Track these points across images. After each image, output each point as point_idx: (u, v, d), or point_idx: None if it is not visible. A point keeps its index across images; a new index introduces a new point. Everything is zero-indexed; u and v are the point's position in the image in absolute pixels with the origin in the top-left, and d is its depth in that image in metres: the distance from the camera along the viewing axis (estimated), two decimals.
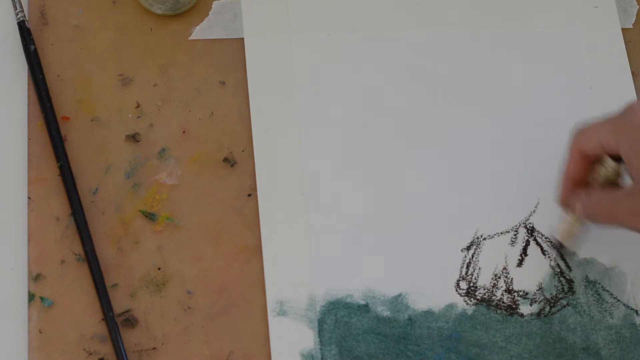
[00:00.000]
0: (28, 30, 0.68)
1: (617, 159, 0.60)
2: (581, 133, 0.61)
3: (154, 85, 0.69)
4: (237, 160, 0.67)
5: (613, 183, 0.61)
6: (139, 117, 0.68)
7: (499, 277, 0.65)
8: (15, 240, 0.63)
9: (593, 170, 0.61)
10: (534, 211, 0.67)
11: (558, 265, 0.66)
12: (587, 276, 0.66)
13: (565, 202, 0.63)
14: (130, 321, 0.62)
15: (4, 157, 0.65)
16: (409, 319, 0.64)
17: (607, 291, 0.66)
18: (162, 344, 0.62)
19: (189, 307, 0.63)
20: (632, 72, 0.72)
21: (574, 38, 0.73)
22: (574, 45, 0.72)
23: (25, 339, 0.61)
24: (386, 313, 0.64)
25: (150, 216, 0.65)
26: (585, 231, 0.64)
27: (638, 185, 0.57)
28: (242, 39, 0.70)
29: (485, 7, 0.73)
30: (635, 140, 0.57)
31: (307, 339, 0.62)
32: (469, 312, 0.64)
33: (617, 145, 0.58)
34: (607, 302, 0.65)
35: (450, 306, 0.64)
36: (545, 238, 0.66)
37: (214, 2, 0.71)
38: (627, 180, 0.61)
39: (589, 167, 0.61)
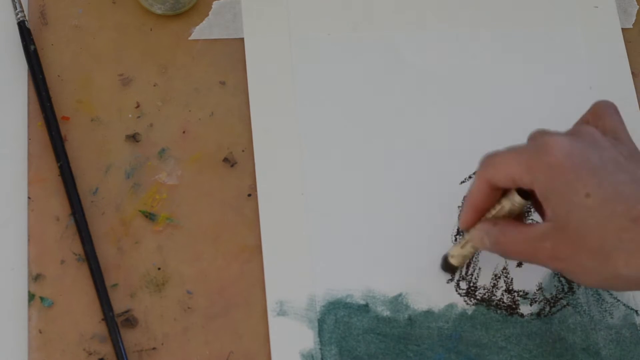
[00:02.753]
0: (28, 30, 0.68)
1: (523, 193, 0.56)
2: (491, 163, 0.56)
3: (154, 85, 0.69)
4: (237, 160, 0.67)
5: (516, 216, 0.58)
6: (139, 117, 0.68)
7: (499, 277, 0.65)
8: (15, 240, 0.63)
9: (497, 202, 0.58)
10: (534, 211, 0.67)
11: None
12: None
13: (468, 228, 0.60)
14: (130, 321, 0.62)
15: (4, 157, 0.65)
16: (409, 319, 0.64)
17: (607, 291, 0.66)
18: (162, 344, 0.62)
19: (189, 307, 0.63)
20: (632, 72, 0.72)
21: (574, 38, 0.73)
22: (574, 45, 0.72)
23: (25, 339, 0.61)
24: (386, 313, 0.64)
25: (150, 216, 0.65)
26: (472, 258, 0.64)
27: (556, 227, 0.54)
28: (242, 39, 0.70)
29: (485, 7, 0.73)
30: (551, 181, 0.53)
31: (307, 339, 0.62)
32: (469, 312, 0.64)
33: (531, 183, 0.54)
34: (607, 302, 0.65)
35: (450, 306, 0.64)
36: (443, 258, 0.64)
37: (214, 2, 0.71)
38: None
39: (494, 197, 0.57)
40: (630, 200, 0.52)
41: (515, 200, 0.57)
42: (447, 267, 0.64)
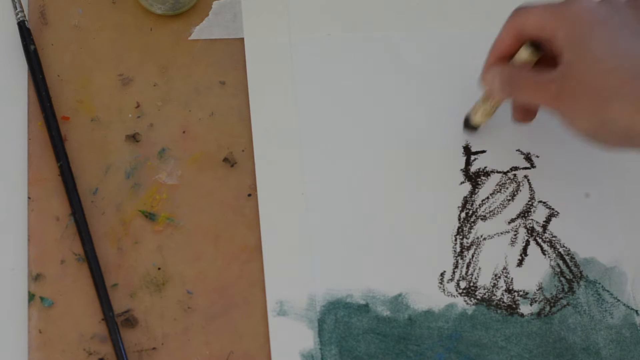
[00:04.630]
0: (28, 30, 0.68)
1: (537, 48, 0.62)
2: (521, 12, 0.62)
3: (154, 85, 0.69)
4: (237, 160, 0.67)
5: None
6: (139, 117, 0.68)
7: (499, 277, 0.65)
8: (15, 240, 0.63)
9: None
10: (534, 211, 0.67)
11: (558, 265, 0.66)
12: (587, 276, 0.66)
13: (482, 76, 0.65)
14: (130, 321, 0.62)
15: (4, 157, 0.65)
16: (409, 319, 0.64)
17: (607, 291, 0.66)
18: (162, 344, 0.62)
19: (189, 307, 0.63)
20: None
21: None
22: None
23: (25, 339, 0.61)
24: (386, 313, 0.64)
25: (150, 216, 0.65)
26: (494, 109, 0.66)
27: (566, 71, 0.58)
28: (242, 39, 0.70)
29: (485, 7, 0.73)
30: (571, 29, 0.58)
31: (307, 339, 0.62)
32: (469, 312, 0.64)
33: (554, 30, 0.59)
34: (607, 302, 0.65)
35: (450, 306, 0.64)
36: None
37: (214, 2, 0.71)
38: None
39: (518, 48, 0.63)
40: (637, 59, 0.56)
41: (528, 51, 0.61)
42: (468, 125, 0.67)
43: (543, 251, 0.66)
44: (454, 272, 0.65)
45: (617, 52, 0.57)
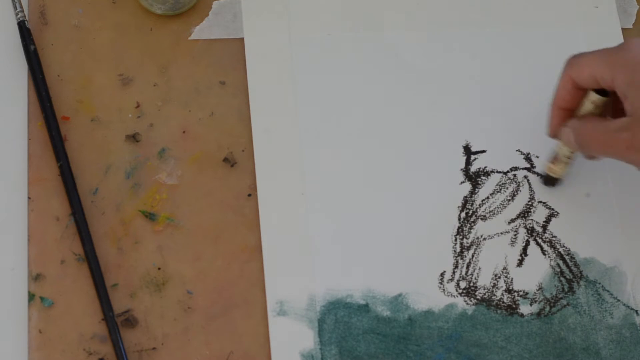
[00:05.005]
0: (28, 30, 0.68)
1: (602, 93, 0.61)
2: (575, 63, 0.61)
3: (154, 85, 0.69)
4: (237, 160, 0.67)
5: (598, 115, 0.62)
6: (139, 117, 0.68)
7: (499, 277, 0.65)
8: (15, 240, 0.63)
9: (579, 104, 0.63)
10: (534, 211, 0.67)
11: (558, 265, 0.66)
12: (587, 276, 0.66)
13: (555, 132, 0.64)
14: (130, 321, 0.62)
15: (4, 157, 0.65)
16: (409, 319, 0.64)
17: (607, 291, 0.66)
18: (162, 344, 0.62)
19: (189, 307, 0.63)
20: None
21: (574, 38, 0.73)
22: (574, 45, 0.72)
23: (25, 339, 0.61)
24: (386, 313, 0.64)
25: (150, 216, 0.65)
26: (572, 163, 0.66)
27: (634, 119, 0.57)
28: (242, 39, 0.70)
29: (486, 7, 0.73)
30: (633, 76, 0.57)
31: (307, 339, 0.62)
32: (469, 312, 0.64)
33: (612, 80, 0.59)
34: (607, 302, 0.65)
35: (450, 306, 0.64)
36: (539, 176, 0.68)
37: (214, 2, 0.71)
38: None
39: (579, 98, 0.62)
40: None
41: (593, 98, 0.61)
42: (550, 181, 0.67)
43: (543, 251, 0.66)
44: (454, 272, 0.65)
45: None
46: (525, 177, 0.68)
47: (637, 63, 0.58)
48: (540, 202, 0.68)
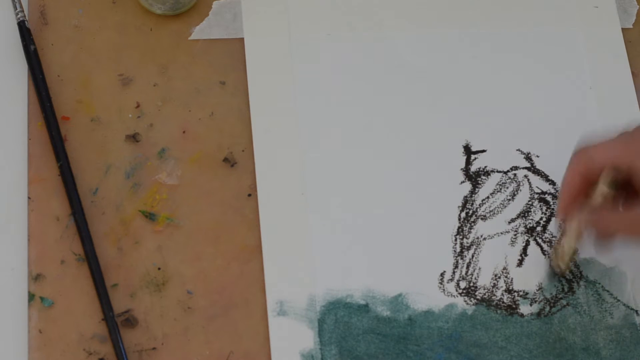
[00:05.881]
0: (28, 30, 0.68)
1: (612, 184, 0.60)
2: (585, 151, 0.60)
3: (154, 85, 0.69)
4: (237, 160, 0.67)
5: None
6: (139, 117, 0.68)
7: (499, 277, 0.65)
8: (15, 240, 0.63)
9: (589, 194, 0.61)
10: (534, 211, 0.67)
11: (558, 265, 0.66)
12: (587, 276, 0.66)
13: (565, 216, 0.62)
14: (130, 321, 0.62)
15: (4, 157, 0.65)
16: (409, 319, 0.64)
17: (607, 291, 0.66)
18: (162, 344, 0.62)
19: (189, 307, 0.63)
20: (632, 72, 0.72)
21: (574, 38, 0.73)
22: (574, 45, 0.72)
23: (25, 339, 0.61)
24: (386, 313, 0.64)
25: (150, 216, 0.65)
26: (578, 251, 0.64)
27: None
28: (242, 39, 0.70)
29: (485, 7, 0.73)
30: None
31: (307, 339, 0.62)
32: (469, 312, 0.64)
33: (629, 165, 0.58)
34: (607, 302, 0.65)
35: (450, 306, 0.64)
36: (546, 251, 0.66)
37: (214, 2, 0.71)
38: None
39: (588, 187, 0.61)
40: None
41: (604, 191, 0.60)
42: (555, 276, 0.65)
43: (543, 251, 0.66)
44: (454, 272, 0.65)
45: None
46: (526, 176, 0.68)
47: None
48: (540, 202, 0.68)
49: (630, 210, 0.59)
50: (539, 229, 0.67)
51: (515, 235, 0.67)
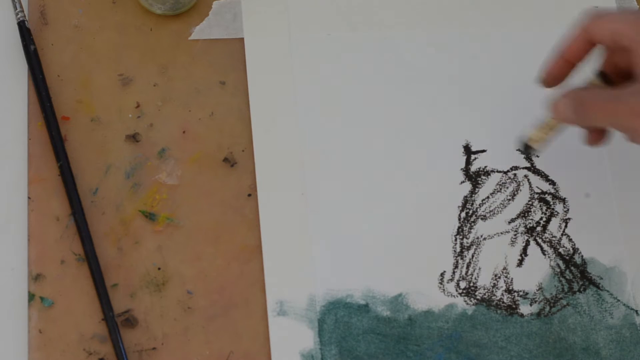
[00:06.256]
0: (28, 30, 0.68)
1: (603, 78, 0.61)
2: (596, 16, 0.60)
3: (154, 85, 0.69)
4: (237, 160, 0.67)
5: None
6: (139, 117, 0.68)
7: (499, 277, 0.65)
8: (15, 240, 0.63)
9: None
10: (534, 211, 0.67)
11: (558, 265, 0.66)
12: (587, 276, 0.66)
13: (548, 76, 0.63)
14: (130, 321, 0.62)
15: (4, 157, 0.65)
16: (409, 319, 0.64)
17: (607, 291, 0.66)
18: (162, 344, 0.62)
19: (189, 307, 0.63)
20: None
21: None
22: None
23: (25, 339, 0.61)
24: (386, 313, 0.64)
25: (150, 216, 0.65)
26: (557, 135, 0.65)
27: None
28: (242, 39, 0.70)
29: (486, 7, 0.73)
30: None
31: (307, 339, 0.62)
32: (469, 312, 0.64)
33: (631, 39, 0.57)
34: (607, 302, 0.65)
35: (450, 306, 0.64)
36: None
37: (214, 2, 0.71)
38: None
39: (585, 52, 0.61)
40: None
41: (592, 81, 0.61)
42: (526, 149, 0.65)
43: (543, 251, 0.66)
44: (454, 272, 0.65)
45: None
46: (526, 176, 0.68)
47: None
48: (540, 201, 0.68)
49: (613, 89, 0.59)
50: (539, 229, 0.67)
51: (515, 235, 0.67)
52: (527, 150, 0.65)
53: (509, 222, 0.67)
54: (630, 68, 0.59)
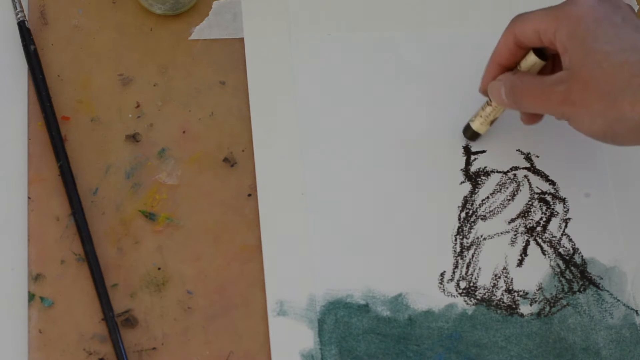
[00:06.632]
0: (28, 30, 0.68)
1: (541, 57, 0.62)
2: (519, 19, 0.62)
3: (154, 85, 0.69)
4: (237, 160, 0.67)
5: None
6: (139, 117, 0.68)
7: (499, 277, 0.65)
8: (15, 240, 0.63)
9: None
10: (534, 211, 0.67)
11: (558, 265, 0.66)
12: (587, 276, 0.66)
13: (487, 86, 0.64)
14: (130, 321, 0.62)
15: (4, 157, 0.65)
16: (409, 319, 0.64)
17: (607, 291, 0.66)
18: (162, 344, 0.62)
19: (189, 307, 0.63)
20: None
21: None
22: None
23: (25, 339, 0.61)
24: (386, 313, 0.64)
25: (150, 216, 0.65)
26: (497, 116, 0.66)
27: (571, 72, 0.58)
28: (242, 39, 0.70)
29: (486, 7, 0.73)
30: (574, 28, 0.58)
31: (307, 339, 0.62)
32: (469, 312, 0.64)
33: (554, 33, 0.59)
34: (607, 302, 0.65)
35: (450, 306, 0.64)
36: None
37: (214, 2, 0.71)
38: None
39: (518, 56, 0.63)
40: None
41: (532, 59, 0.61)
42: (469, 132, 0.68)
43: (543, 251, 0.66)
44: (454, 272, 0.65)
45: (623, 47, 0.56)
46: (526, 176, 0.68)
47: (581, 16, 0.58)
48: (540, 201, 0.68)
49: (543, 77, 0.60)
50: (538, 229, 0.67)
51: (515, 235, 0.67)
52: (469, 133, 0.68)
53: (509, 222, 0.67)
54: (557, 60, 0.61)
